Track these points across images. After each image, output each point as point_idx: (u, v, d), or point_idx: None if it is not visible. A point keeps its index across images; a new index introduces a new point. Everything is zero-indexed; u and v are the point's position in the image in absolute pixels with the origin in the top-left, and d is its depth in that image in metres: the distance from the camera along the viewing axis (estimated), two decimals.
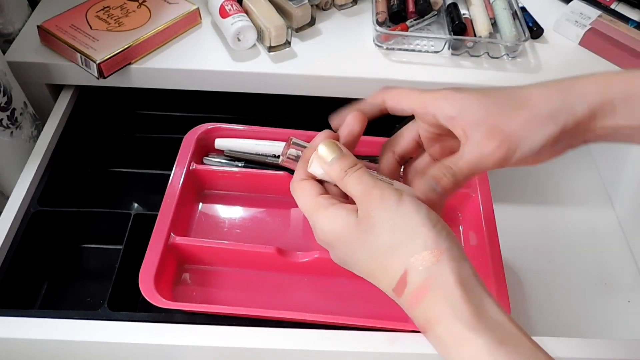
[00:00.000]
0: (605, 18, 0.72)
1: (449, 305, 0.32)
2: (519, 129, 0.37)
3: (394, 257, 0.34)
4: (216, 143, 0.59)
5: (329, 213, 0.37)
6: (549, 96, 0.37)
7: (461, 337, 0.32)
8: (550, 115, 0.37)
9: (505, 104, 0.38)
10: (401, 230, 0.34)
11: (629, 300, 0.63)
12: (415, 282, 0.34)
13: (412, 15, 0.70)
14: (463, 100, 0.38)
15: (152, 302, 0.45)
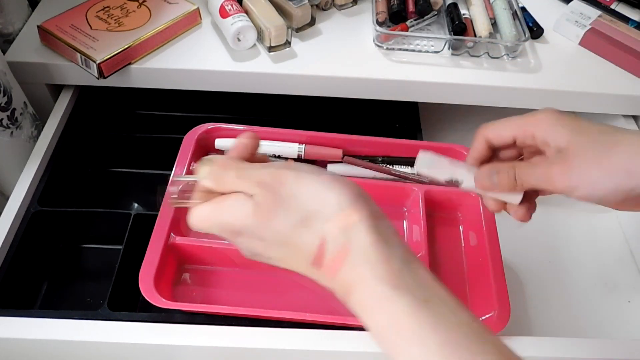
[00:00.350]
0: (605, 18, 0.72)
1: (369, 266, 0.31)
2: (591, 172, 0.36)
3: (307, 229, 0.32)
4: (216, 143, 0.59)
5: (221, 205, 0.34)
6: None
7: (382, 297, 0.30)
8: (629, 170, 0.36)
9: (599, 144, 0.37)
10: (306, 202, 0.32)
11: (629, 300, 0.63)
12: (334, 247, 0.31)
13: (412, 15, 0.70)
14: (563, 120, 0.38)
15: (152, 302, 0.45)
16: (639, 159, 0.35)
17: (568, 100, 0.67)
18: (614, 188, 0.35)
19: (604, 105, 0.67)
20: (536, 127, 0.38)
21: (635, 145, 0.35)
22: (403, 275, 0.31)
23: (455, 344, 0.29)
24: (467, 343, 0.29)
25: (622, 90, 0.66)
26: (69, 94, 0.67)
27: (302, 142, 0.59)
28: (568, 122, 0.38)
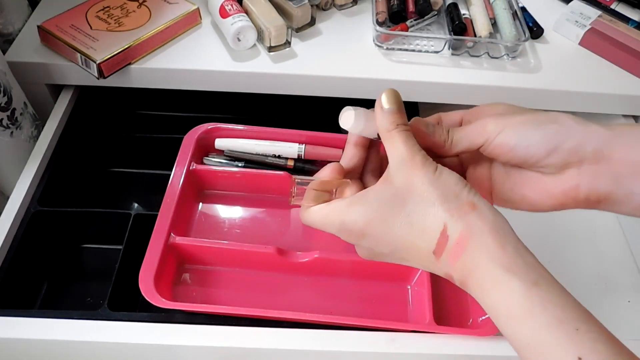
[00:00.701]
0: (605, 18, 0.72)
1: (486, 251, 0.34)
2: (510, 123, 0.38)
3: (431, 215, 0.35)
4: (216, 143, 0.59)
5: (353, 204, 0.38)
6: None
7: (498, 278, 0.33)
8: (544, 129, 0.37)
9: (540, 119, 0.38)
10: (438, 190, 0.35)
11: (629, 300, 0.63)
12: (455, 233, 0.35)
13: (412, 15, 0.70)
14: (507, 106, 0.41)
15: (152, 302, 0.45)
16: (569, 120, 0.37)
17: (568, 100, 0.67)
18: (535, 127, 0.37)
19: (604, 105, 0.67)
20: (482, 108, 0.41)
21: (568, 116, 0.38)
22: (516, 259, 0.33)
23: (562, 323, 0.32)
24: (574, 323, 0.32)
25: (622, 90, 0.66)
26: (69, 94, 0.67)
27: (302, 142, 0.59)
28: (511, 105, 0.40)
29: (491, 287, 0.34)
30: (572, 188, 0.37)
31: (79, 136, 0.65)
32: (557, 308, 0.32)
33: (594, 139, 0.36)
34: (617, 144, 0.36)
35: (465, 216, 0.34)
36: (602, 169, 0.36)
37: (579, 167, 0.37)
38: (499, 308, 0.33)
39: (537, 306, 0.32)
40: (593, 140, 0.36)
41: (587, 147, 0.36)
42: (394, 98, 0.38)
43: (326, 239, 0.55)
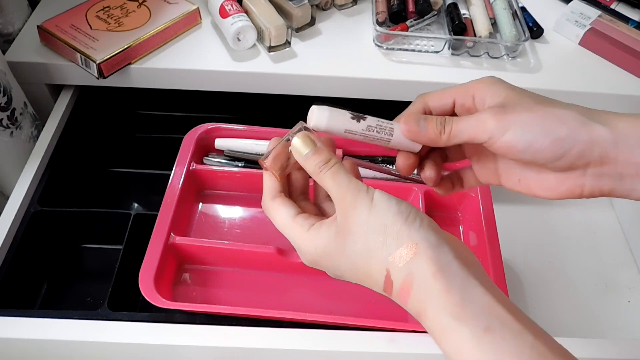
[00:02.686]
0: (605, 18, 0.72)
1: (430, 298, 0.32)
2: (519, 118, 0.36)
3: (374, 259, 0.34)
4: (216, 143, 0.59)
5: (310, 235, 0.37)
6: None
7: (446, 327, 0.32)
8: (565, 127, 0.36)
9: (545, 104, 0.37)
10: (375, 232, 0.34)
11: (629, 300, 0.63)
12: (398, 279, 0.33)
13: (412, 15, 0.70)
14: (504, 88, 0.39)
15: (152, 302, 0.45)
16: (576, 122, 0.36)
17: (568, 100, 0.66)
18: (543, 131, 0.35)
19: (604, 105, 0.67)
20: (476, 89, 0.39)
21: (568, 104, 0.37)
22: (464, 305, 0.32)
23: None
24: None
25: (622, 90, 0.66)
26: (69, 94, 0.67)
27: None
28: (508, 85, 0.39)
29: (441, 335, 0.32)
30: (577, 187, 0.37)
31: (79, 136, 0.65)
32: (512, 354, 0.30)
33: (599, 143, 0.35)
34: (621, 147, 0.35)
35: (407, 262, 0.33)
36: (607, 170, 0.36)
37: (584, 169, 0.36)
38: (451, 356, 0.32)
39: (490, 354, 0.30)
40: (599, 145, 0.35)
41: (593, 152, 0.35)
42: (307, 141, 0.38)
43: None
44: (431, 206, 0.57)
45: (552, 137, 0.35)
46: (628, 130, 0.36)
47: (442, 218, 0.58)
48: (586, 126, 0.36)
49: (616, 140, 0.35)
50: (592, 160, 0.36)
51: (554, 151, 0.36)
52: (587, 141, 0.35)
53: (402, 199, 0.58)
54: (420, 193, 0.56)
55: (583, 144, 0.35)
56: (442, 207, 0.57)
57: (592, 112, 0.37)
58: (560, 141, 0.35)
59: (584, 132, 0.35)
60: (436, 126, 0.38)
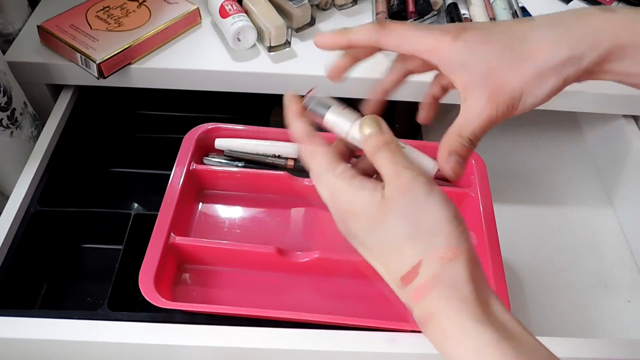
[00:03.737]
0: None
1: (458, 299, 0.33)
2: (521, 86, 0.36)
3: (412, 246, 0.34)
4: (216, 143, 0.59)
5: (354, 183, 0.36)
6: (557, 47, 0.35)
7: (468, 329, 0.32)
8: (555, 69, 0.35)
9: (508, 54, 0.36)
10: (425, 222, 0.34)
11: (629, 300, 0.63)
12: (426, 274, 0.33)
13: (412, 15, 0.70)
14: (464, 51, 0.37)
15: (152, 302, 0.45)
16: (560, 55, 0.35)
17: (568, 100, 0.67)
18: (549, 91, 0.36)
19: (604, 105, 0.67)
20: (440, 56, 0.38)
21: (551, 44, 0.36)
22: (490, 313, 0.33)
23: None
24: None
25: (622, 90, 0.66)
26: (69, 94, 0.67)
27: None
28: (470, 39, 0.37)
29: (458, 337, 0.32)
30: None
31: (79, 136, 0.65)
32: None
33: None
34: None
35: (444, 263, 0.33)
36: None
37: None
38: (467, 358, 0.32)
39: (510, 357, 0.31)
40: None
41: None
42: (373, 122, 0.38)
43: (326, 239, 0.56)
44: None
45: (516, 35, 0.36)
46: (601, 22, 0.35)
47: None
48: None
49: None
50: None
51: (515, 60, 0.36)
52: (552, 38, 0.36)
53: None
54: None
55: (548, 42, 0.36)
56: None
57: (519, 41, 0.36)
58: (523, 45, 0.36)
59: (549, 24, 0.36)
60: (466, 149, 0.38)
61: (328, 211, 0.58)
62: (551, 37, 0.36)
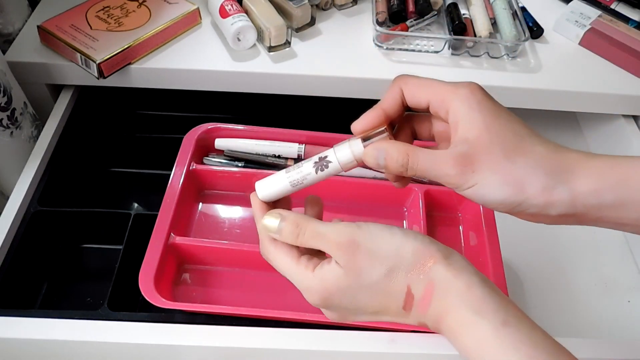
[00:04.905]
0: (605, 18, 0.72)
1: (454, 295, 0.34)
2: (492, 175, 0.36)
3: (394, 281, 0.36)
4: (216, 143, 0.59)
5: (316, 276, 0.38)
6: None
7: (468, 322, 0.34)
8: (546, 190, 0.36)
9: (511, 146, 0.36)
10: (388, 256, 0.36)
11: (629, 300, 0.63)
12: (419, 291, 0.35)
13: (412, 15, 0.70)
14: (484, 120, 0.36)
15: (152, 302, 0.45)
16: (535, 174, 0.35)
17: (568, 100, 0.67)
18: (502, 200, 0.36)
19: (604, 105, 0.67)
20: (453, 105, 0.37)
21: (537, 157, 0.36)
22: (484, 300, 0.34)
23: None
24: (545, 358, 0.33)
25: (622, 90, 0.66)
26: (69, 94, 0.67)
27: (302, 142, 0.59)
28: (487, 111, 0.36)
29: (462, 330, 0.34)
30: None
31: (79, 136, 0.65)
32: (528, 346, 0.33)
33: (556, 206, 0.36)
34: (579, 208, 0.37)
35: (428, 272, 0.35)
36: (565, 219, 0.38)
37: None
38: (471, 350, 0.34)
39: (509, 346, 0.33)
40: (555, 207, 0.36)
41: (550, 211, 0.37)
42: (273, 216, 0.39)
43: None
44: (431, 206, 0.57)
45: (509, 201, 0.36)
46: (588, 189, 0.36)
47: (442, 218, 0.58)
48: (547, 191, 0.36)
49: (574, 204, 0.36)
50: (550, 214, 0.37)
51: (510, 210, 0.37)
52: (544, 205, 0.36)
53: (402, 199, 0.59)
54: (420, 193, 0.56)
55: (540, 207, 0.36)
56: (442, 207, 0.57)
57: (561, 164, 0.36)
58: (517, 204, 0.36)
59: (542, 197, 0.36)
60: (396, 166, 0.37)
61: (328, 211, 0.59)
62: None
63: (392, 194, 0.57)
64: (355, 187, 0.57)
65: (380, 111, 0.39)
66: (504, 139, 0.36)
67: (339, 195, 0.57)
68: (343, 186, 0.57)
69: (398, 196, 0.57)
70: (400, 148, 0.37)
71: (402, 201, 0.58)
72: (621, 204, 0.35)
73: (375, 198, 0.57)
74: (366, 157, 0.38)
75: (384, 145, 0.38)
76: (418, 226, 0.54)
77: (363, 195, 0.57)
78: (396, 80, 0.40)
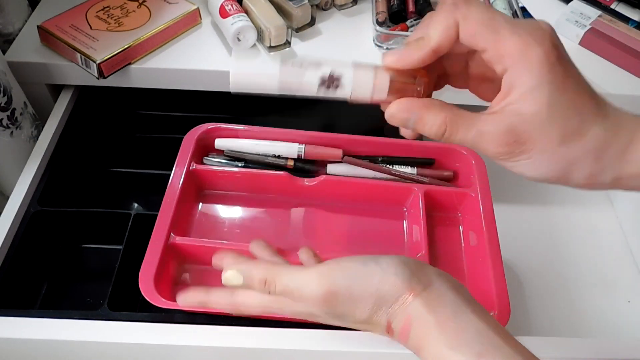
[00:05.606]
0: (605, 18, 0.72)
1: (427, 331, 0.35)
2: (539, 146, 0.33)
3: (375, 317, 0.38)
4: (216, 143, 0.59)
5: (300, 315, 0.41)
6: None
7: (443, 356, 0.34)
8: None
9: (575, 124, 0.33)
10: (368, 298, 0.37)
11: (629, 300, 0.63)
12: (399, 324, 0.37)
13: (412, 15, 0.70)
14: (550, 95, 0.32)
15: (152, 302, 0.45)
16: (586, 160, 0.33)
17: None
18: (544, 178, 0.34)
19: None
20: (518, 67, 0.32)
21: (592, 142, 0.33)
22: (458, 333, 0.34)
23: None
24: None
25: (622, 90, 0.66)
26: (69, 94, 0.67)
27: (302, 142, 0.59)
28: (556, 83, 0.32)
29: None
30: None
31: (79, 136, 0.65)
32: None
33: (602, 185, 0.35)
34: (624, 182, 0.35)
35: (406, 306, 0.36)
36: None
37: None
38: None
39: None
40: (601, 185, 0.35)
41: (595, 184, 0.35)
42: (233, 275, 0.42)
43: (326, 239, 0.56)
44: (431, 206, 0.57)
45: (551, 180, 0.34)
46: (631, 173, 0.34)
47: (442, 218, 0.58)
48: (593, 177, 0.34)
49: (615, 185, 0.35)
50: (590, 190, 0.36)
51: (554, 181, 0.35)
52: (587, 187, 0.35)
53: (402, 199, 0.59)
54: (420, 193, 0.56)
55: (582, 188, 0.35)
56: (442, 207, 0.57)
57: (614, 147, 0.34)
58: (559, 183, 0.35)
59: (587, 182, 0.34)
60: (429, 133, 0.34)
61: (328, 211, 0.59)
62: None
63: (392, 194, 0.57)
64: (355, 187, 0.57)
65: (430, 52, 0.33)
66: (565, 119, 0.32)
67: (339, 195, 0.57)
68: (343, 186, 0.57)
69: (398, 196, 0.57)
70: (438, 115, 0.33)
71: (402, 201, 0.58)
72: None
73: (375, 198, 0.57)
74: (392, 118, 0.34)
75: (418, 106, 0.33)
76: (418, 226, 0.54)
77: (363, 195, 0.57)
78: (450, 7, 0.32)
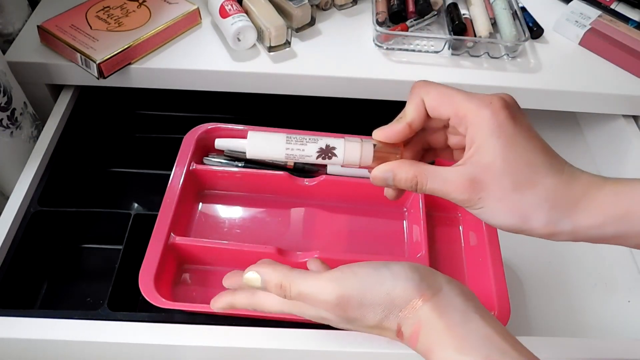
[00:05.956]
0: (605, 18, 0.72)
1: (437, 336, 0.35)
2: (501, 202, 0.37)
3: (385, 321, 0.38)
4: (216, 143, 0.59)
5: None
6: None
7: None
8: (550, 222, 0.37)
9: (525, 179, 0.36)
10: (380, 303, 0.37)
11: (629, 300, 0.63)
12: (409, 329, 0.37)
13: (412, 15, 0.70)
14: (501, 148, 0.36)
15: (152, 302, 0.45)
16: (541, 209, 0.36)
17: (568, 100, 0.67)
18: (506, 227, 0.37)
19: (604, 105, 0.68)
20: (473, 125, 0.37)
21: (545, 191, 0.36)
22: (466, 338, 0.35)
23: None
24: None
25: (622, 90, 0.66)
26: (69, 94, 0.67)
27: None
28: (505, 138, 0.36)
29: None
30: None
31: (79, 136, 0.65)
32: None
33: (559, 237, 0.37)
34: (580, 239, 0.37)
35: (417, 311, 0.36)
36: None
37: None
38: None
39: None
40: (558, 238, 0.37)
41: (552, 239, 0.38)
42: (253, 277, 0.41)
43: (326, 239, 0.56)
44: (431, 206, 0.57)
45: (513, 229, 0.37)
46: (590, 224, 0.36)
47: (442, 218, 0.58)
48: (551, 224, 0.37)
49: (576, 235, 0.37)
50: (552, 240, 0.38)
51: (513, 232, 0.38)
52: (547, 235, 0.37)
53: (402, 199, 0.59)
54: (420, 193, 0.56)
55: (543, 236, 0.37)
56: (442, 207, 0.57)
57: (568, 197, 0.36)
58: (521, 232, 0.37)
59: (546, 230, 0.37)
60: (405, 183, 0.39)
61: (328, 211, 0.59)
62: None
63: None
64: (355, 187, 0.57)
65: (405, 126, 0.39)
66: (516, 170, 0.36)
67: (339, 195, 0.58)
68: (343, 186, 0.57)
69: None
70: (409, 169, 0.39)
71: (402, 201, 0.58)
72: (621, 236, 0.36)
73: (375, 198, 0.57)
74: (375, 179, 0.40)
75: (392, 166, 0.39)
76: (418, 226, 0.54)
77: (363, 195, 0.57)
78: (416, 88, 0.39)
